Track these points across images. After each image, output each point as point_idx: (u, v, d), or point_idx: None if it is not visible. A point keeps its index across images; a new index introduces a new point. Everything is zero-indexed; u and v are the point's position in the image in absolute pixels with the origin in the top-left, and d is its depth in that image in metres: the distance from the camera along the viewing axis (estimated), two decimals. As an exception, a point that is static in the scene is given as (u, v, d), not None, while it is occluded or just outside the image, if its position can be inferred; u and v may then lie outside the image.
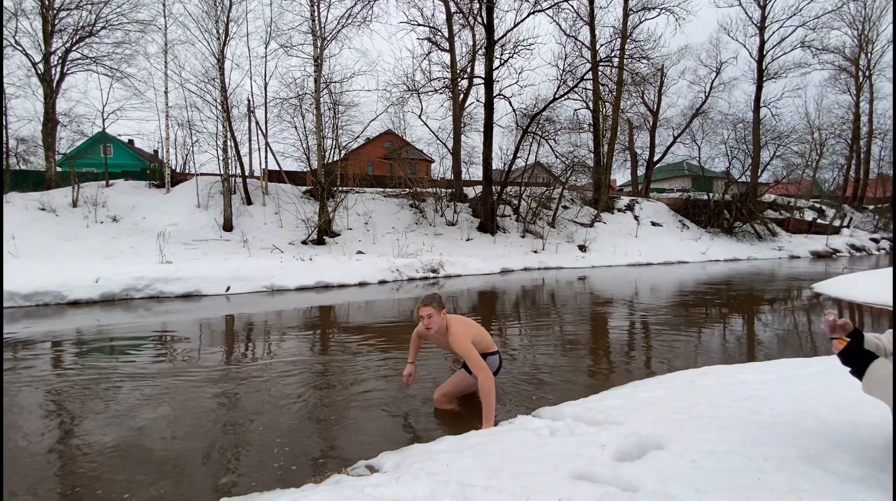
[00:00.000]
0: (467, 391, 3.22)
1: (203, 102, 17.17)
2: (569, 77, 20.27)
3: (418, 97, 21.77)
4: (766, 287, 10.86)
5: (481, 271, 13.65)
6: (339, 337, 5.63)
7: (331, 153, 17.64)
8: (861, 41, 30.79)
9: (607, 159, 24.14)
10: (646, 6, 23.70)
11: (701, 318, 6.92)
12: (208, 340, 5.52)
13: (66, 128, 18.58)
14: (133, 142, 30.06)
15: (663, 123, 30.40)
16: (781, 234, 25.32)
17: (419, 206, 20.21)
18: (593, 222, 22.36)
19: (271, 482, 2.23)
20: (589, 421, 2.48)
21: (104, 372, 4.08)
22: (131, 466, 2.42)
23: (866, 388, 1.66)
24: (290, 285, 9.98)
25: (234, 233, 15.71)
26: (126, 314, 7.15)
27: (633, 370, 4.13)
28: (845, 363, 1.72)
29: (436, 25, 21.76)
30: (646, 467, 1.80)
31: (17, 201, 14.29)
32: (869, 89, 31.72)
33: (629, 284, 11.70)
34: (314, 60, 16.35)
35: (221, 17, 16.11)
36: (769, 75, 28.34)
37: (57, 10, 16.52)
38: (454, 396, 3.21)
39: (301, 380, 3.85)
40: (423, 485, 1.83)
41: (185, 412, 3.15)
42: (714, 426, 2.17)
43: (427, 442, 2.42)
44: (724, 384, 2.99)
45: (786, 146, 27.59)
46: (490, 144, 19.20)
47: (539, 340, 5.39)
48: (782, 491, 1.57)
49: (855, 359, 1.69)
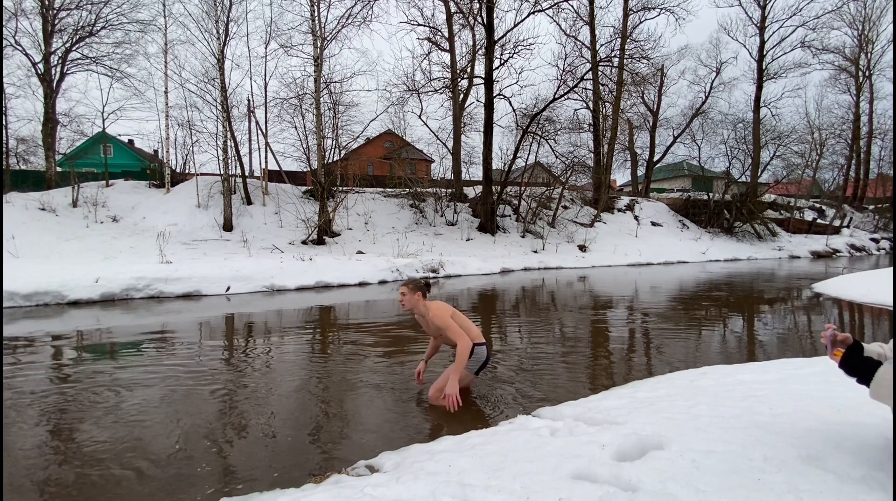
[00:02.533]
0: (461, 385, 3.22)
1: (203, 102, 17.22)
2: (569, 77, 20.30)
3: (418, 97, 21.81)
4: (766, 287, 10.86)
5: (481, 271, 13.65)
6: (339, 337, 5.63)
7: (331, 153, 17.66)
8: (861, 41, 30.78)
9: (607, 159, 24.14)
10: (646, 6, 23.71)
11: (701, 318, 6.92)
12: (208, 340, 5.52)
13: (66, 128, 18.61)
14: (133, 142, 30.06)
15: (663, 123, 30.44)
16: (781, 234, 25.31)
17: (419, 206, 20.21)
18: (593, 222, 22.36)
19: (271, 482, 2.23)
20: (589, 421, 2.48)
21: (103, 373, 4.07)
22: (131, 466, 2.42)
23: (874, 394, 1.64)
24: (290, 285, 9.98)
25: (234, 233, 15.71)
26: (126, 313, 7.15)
27: (633, 370, 4.13)
28: (849, 372, 1.71)
29: (436, 25, 21.79)
30: (646, 467, 1.80)
31: (17, 200, 14.29)
32: (869, 89, 31.71)
33: (629, 284, 11.70)
34: (314, 60, 16.35)
35: (221, 17, 16.11)
36: (769, 75, 28.35)
37: (57, 10, 16.52)
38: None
39: (301, 380, 3.85)
40: (423, 485, 1.83)
41: (185, 412, 3.15)
42: (714, 426, 2.17)
43: (427, 442, 2.42)
44: (724, 384, 2.99)
45: (786, 146, 27.62)
46: (490, 144, 19.20)
47: (539, 340, 5.39)
48: (782, 491, 1.57)
49: (859, 367, 1.68)
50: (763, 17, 27.60)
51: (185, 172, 19.60)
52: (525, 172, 21.48)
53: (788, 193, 29.68)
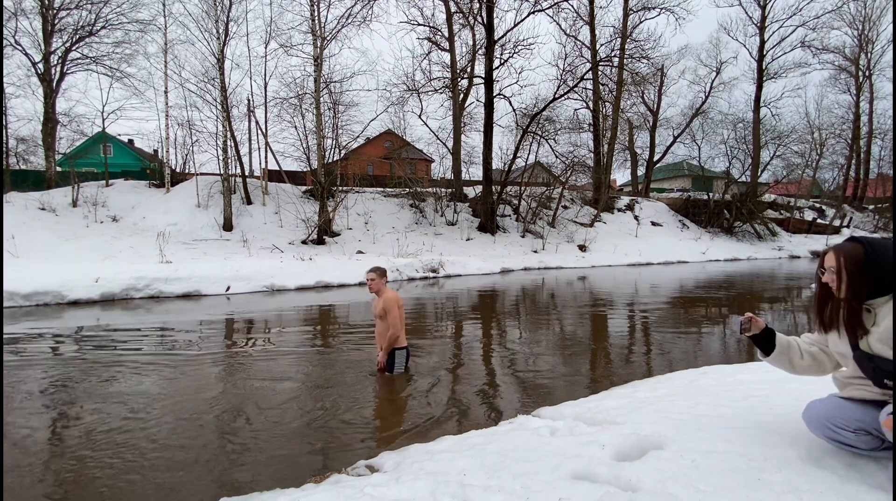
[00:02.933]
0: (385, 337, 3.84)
1: (203, 102, 17.23)
2: (569, 77, 20.30)
3: (418, 97, 21.80)
4: (766, 287, 10.86)
5: (481, 270, 13.65)
6: (338, 337, 5.63)
7: (331, 153, 17.66)
8: (861, 41, 30.76)
9: (607, 159, 24.14)
10: (646, 6, 23.70)
11: (701, 318, 6.92)
12: (208, 340, 5.52)
13: (66, 128, 18.61)
14: (133, 142, 30.05)
15: (663, 123, 30.42)
16: (781, 234, 25.32)
17: (419, 206, 20.20)
18: (593, 221, 22.36)
19: (271, 482, 2.23)
20: (589, 421, 2.48)
21: (102, 373, 4.07)
22: (130, 467, 2.42)
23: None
24: (290, 285, 9.98)
25: (234, 233, 15.71)
26: (126, 313, 7.15)
27: (633, 370, 4.13)
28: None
29: (436, 25, 21.79)
30: (646, 467, 1.80)
31: (17, 200, 14.29)
32: (869, 89, 31.68)
33: (629, 284, 11.70)
34: (314, 60, 16.35)
35: (221, 17, 16.12)
36: (769, 75, 28.33)
37: (57, 10, 16.51)
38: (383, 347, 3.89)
39: (301, 380, 3.85)
40: (423, 485, 1.83)
41: (185, 413, 3.15)
42: (714, 425, 2.16)
43: (427, 442, 2.42)
44: (724, 383, 2.99)
45: (786, 146, 27.60)
46: (490, 144, 19.20)
47: (539, 340, 5.39)
48: (782, 491, 1.57)
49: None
50: (763, 16, 27.59)
51: (185, 172, 19.60)
52: (525, 171, 21.48)
53: (788, 193, 29.68)
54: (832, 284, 1.69)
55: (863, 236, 1.70)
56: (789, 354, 1.94)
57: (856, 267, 1.62)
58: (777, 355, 1.95)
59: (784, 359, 1.95)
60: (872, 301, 1.62)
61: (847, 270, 1.64)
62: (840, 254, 1.67)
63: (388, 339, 3.77)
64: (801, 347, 1.94)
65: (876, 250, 1.61)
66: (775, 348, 1.94)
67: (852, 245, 1.66)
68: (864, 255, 1.61)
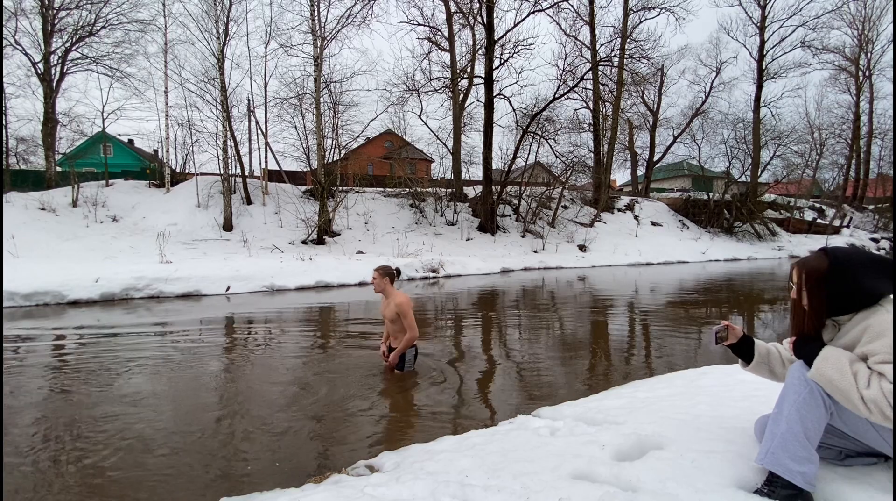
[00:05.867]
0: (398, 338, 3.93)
1: (203, 102, 17.23)
2: (569, 77, 20.29)
3: (418, 97, 21.79)
4: (766, 287, 10.86)
5: (481, 270, 13.65)
6: (339, 337, 5.62)
7: (331, 153, 17.65)
8: (861, 41, 30.74)
9: (607, 159, 24.13)
10: (646, 6, 23.69)
11: (701, 318, 6.92)
12: (208, 340, 5.52)
13: (66, 128, 18.62)
14: (133, 142, 30.06)
15: (663, 123, 30.39)
16: (781, 234, 25.31)
17: (419, 206, 20.20)
18: (593, 221, 22.35)
19: (271, 482, 2.23)
20: (589, 421, 2.48)
21: (102, 373, 4.07)
22: (130, 467, 2.42)
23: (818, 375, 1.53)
24: (290, 285, 9.98)
25: (234, 233, 15.71)
26: (126, 313, 7.15)
27: (633, 370, 4.13)
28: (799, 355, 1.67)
29: (436, 25, 21.79)
30: (646, 467, 1.80)
31: (17, 200, 14.29)
32: (869, 89, 31.68)
33: (629, 284, 11.70)
34: (314, 60, 16.35)
35: (221, 17, 16.12)
36: (769, 75, 28.32)
37: (57, 10, 16.52)
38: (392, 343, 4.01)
39: (301, 379, 3.85)
40: (423, 485, 1.83)
41: (185, 412, 3.15)
42: (714, 425, 2.16)
43: (427, 442, 2.42)
44: (724, 383, 2.98)
45: (786, 146, 27.59)
46: (490, 144, 19.20)
47: (539, 340, 5.39)
48: (782, 491, 1.56)
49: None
50: (763, 16, 27.57)
51: (184, 172, 19.59)
52: (525, 171, 21.47)
53: (788, 193, 29.67)
54: (795, 297, 1.65)
55: (835, 248, 1.63)
56: (769, 362, 1.89)
57: (815, 283, 1.58)
58: (756, 364, 1.90)
59: (764, 368, 1.91)
60: (839, 317, 1.57)
61: (807, 286, 1.60)
62: (802, 269, 1.63)
63: (405, 341, 3.84)
64: (782, 354, 1.89)
65: (842, 264, 1.53)
66: (754, 357, 1.90)
67: (817, 259, 1.61)
68: (827, 269, 1.55)
